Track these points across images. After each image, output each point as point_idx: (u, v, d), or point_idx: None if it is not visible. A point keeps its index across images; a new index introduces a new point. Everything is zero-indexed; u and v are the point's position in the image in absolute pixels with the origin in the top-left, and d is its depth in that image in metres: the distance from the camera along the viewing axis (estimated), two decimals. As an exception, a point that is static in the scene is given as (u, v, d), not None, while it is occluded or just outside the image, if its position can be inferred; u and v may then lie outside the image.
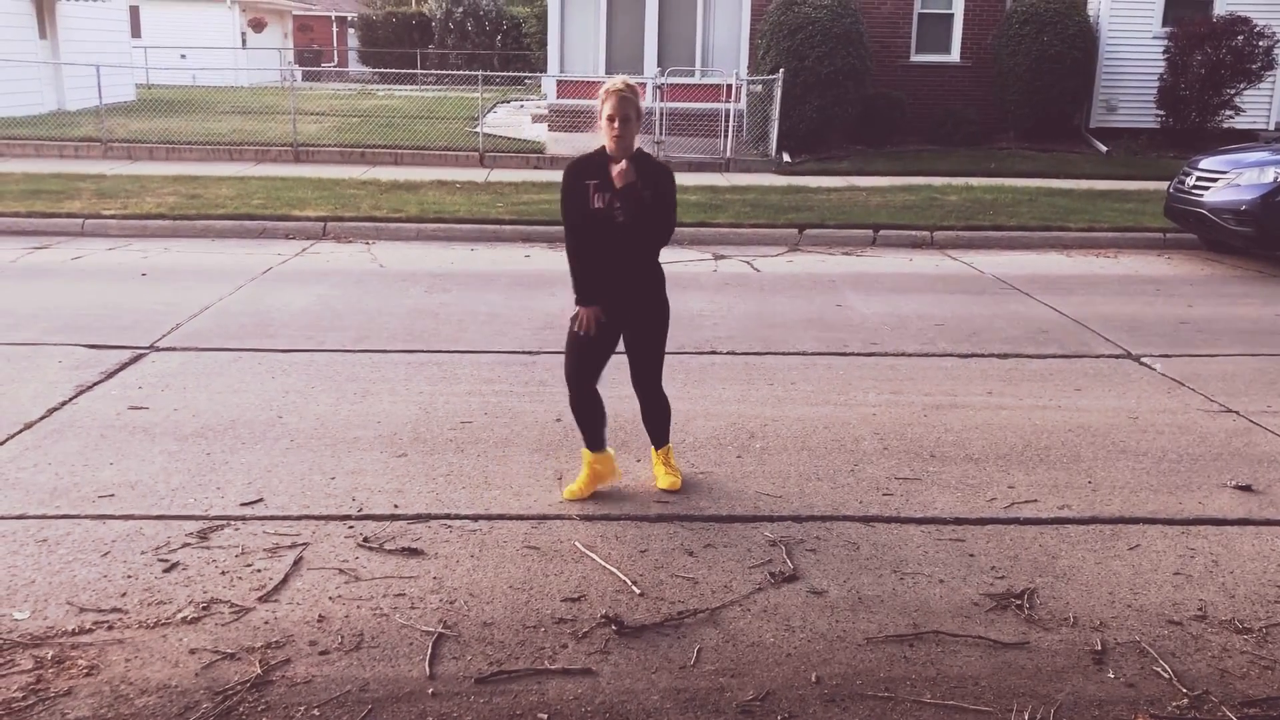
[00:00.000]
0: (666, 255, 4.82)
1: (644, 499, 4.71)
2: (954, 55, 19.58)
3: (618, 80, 4.44)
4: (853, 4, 17.57)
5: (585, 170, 4.47)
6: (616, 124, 4.37)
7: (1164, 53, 18.25)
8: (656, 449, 4.93)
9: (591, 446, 4.76)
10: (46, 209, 11.51)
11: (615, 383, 6.32)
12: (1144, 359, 7.13)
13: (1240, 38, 17.56)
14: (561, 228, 4.72)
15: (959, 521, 4.55)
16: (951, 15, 19.51)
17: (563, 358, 4.86)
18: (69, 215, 11.34)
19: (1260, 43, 17.55)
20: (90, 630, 3.53)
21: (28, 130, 17.98)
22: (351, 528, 4.35)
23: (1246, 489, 4.93)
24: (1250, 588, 4.00)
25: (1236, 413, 6.03)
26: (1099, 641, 3.61)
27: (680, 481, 4.86)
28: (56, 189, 12.80)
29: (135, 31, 31.21)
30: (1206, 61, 17.66)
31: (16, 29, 21.46)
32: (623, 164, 4.37)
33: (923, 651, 3.54)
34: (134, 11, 30.99)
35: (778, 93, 16.76)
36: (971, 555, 4.24)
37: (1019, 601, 3.86)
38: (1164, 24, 18.68)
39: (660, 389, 4.87)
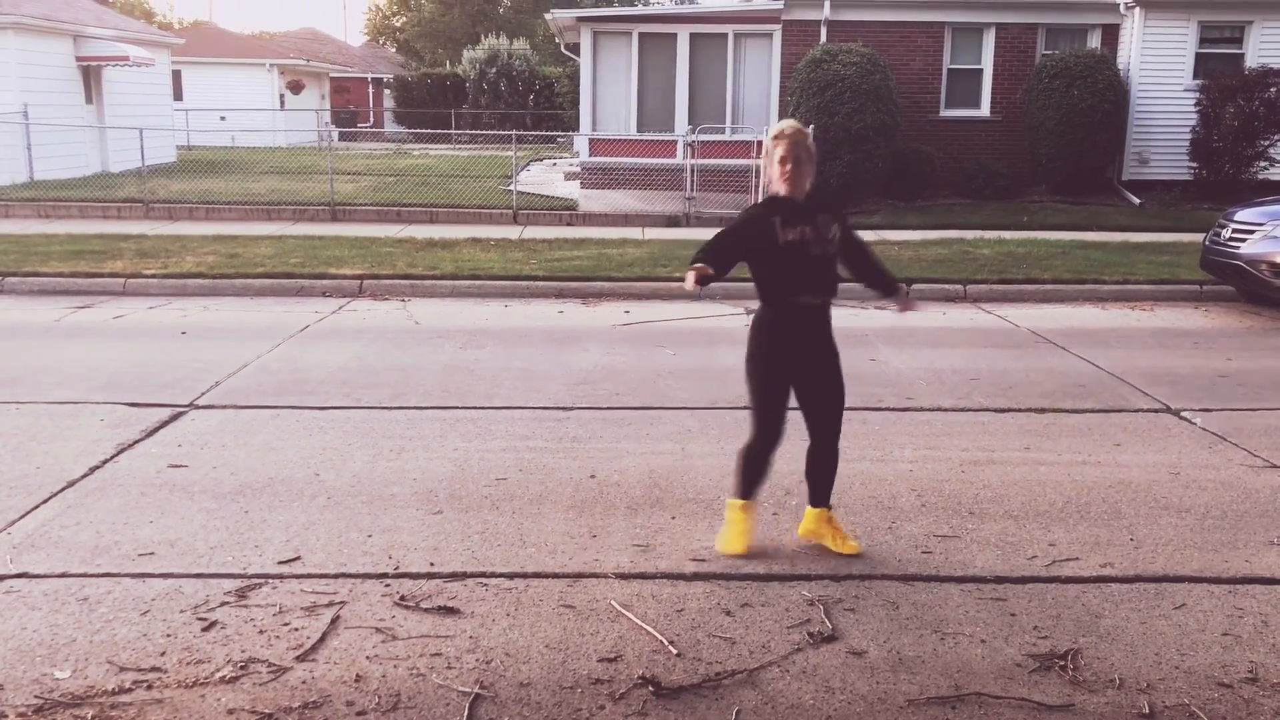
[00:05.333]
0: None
1: (678, 557, 4.69)
2: (984, 110, 19.66)
3: (786, 124, 4.50)
4: (882, 60, 17.72)
5: (768, 210, 4.51)
6: (790, 165, 4.41)
7: (1196, 105, 18.24)
8: (817, 507, 4.81)
9: (747, 495, 4.77)
10: (89, 269, 11.74)
11: (649, 438, 6.34)
12: (1184, 413, 7.05)
13: (1273, 90, 17.53)
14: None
15: (999, 580, 4.49)
16: (981, 70, 19.62)
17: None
18: (111, 275, 11.56)
19: (1293, 95, 17.51)
20: (130, 690, 3.55)
21: (73, 192, 18.42)
22: (388, 586, 4.36)
23: (1294, 547, 4.84)
24: (1302, 649, 3.91)
25: (1281, 468, 5.94)
26: (1146, 704, 3.53)
27: (859, 546, 4.75)
28: (99, 249, 13.08)
29: (177, 95, 32.05)
30: (1239, 114, 17.64)
31: (64, 94, 22.09)
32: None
33: (965, 714, 3.47)
34: (176, 75, 31.79)
35: (808, 149, 16.85)
36: (1013, 615, 4.17)
37: (1063, 662, 3.79)
38: (1195, 76, 18.70)
39: (837, 442, 4.78)
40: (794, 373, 4.62)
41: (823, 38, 18.95)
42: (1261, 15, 18.74)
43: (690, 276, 4.26)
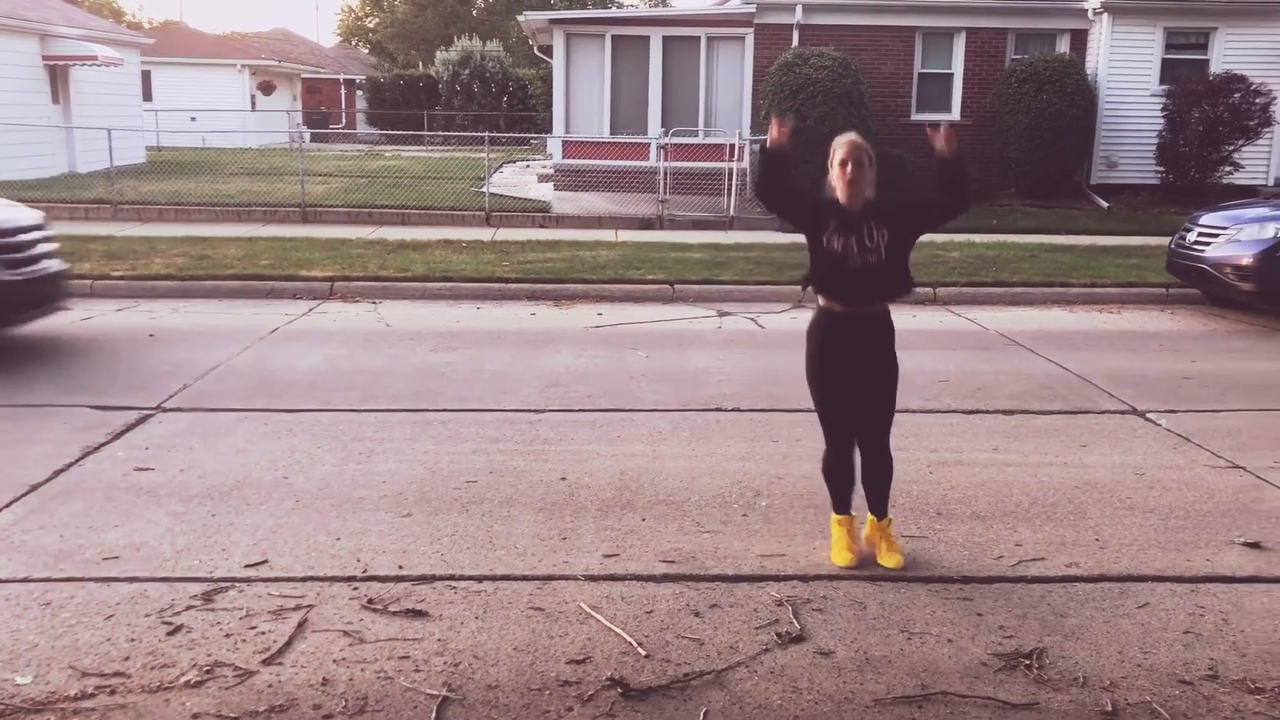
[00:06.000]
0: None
1: (648, 559, 4.69)
2: (955, 114, 19.80)
3: (851, 133, 4.52)
4: (853, 64, 17.84)
5: (829, 207, 4.48)
6: (850, 167, 4.38)
7: (1162, 110, 18.48)
8: (877, 519, 4.70)
9: (839, 509, 4.72)
10: (56, 270, 11.61)
11: (620, 440, 6.34)
12: (1149, 414, 7.13)
13: (1237, 95, 17.79)
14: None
15: (966, 580, 4.53)
16: (951, 75, 19.78)
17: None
18: (79, 277, 11.41)
19: (1257, 100, 17.78)
20: (93, 695, 3.51)
21: (40, 193, 18.17)
22: (356, 589, 4.34)
23: (1255, 546, 4.90)
24: (1261, 646, 3.96)
25: (1243, 468, 6.02)
26: (1109, 702, 3.57)
27: (903, 560, 4.63)
28: (67, 250, 12.80)
29: (147, 95, 31.74)
30: (1204, 119, 17.87)
31: (31, 94, 21.83)
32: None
33: (931, 713, 3.50)
34: (145, 76, 31.51)
35: (780, 152, 16.92)
36: (979, 614, 4.21)
37: (1028, 661, 3.83)
38: (1161, 82, 18.95)
39: (887, 445, 4.69)
40: (847, 376, 4.59)
41: (795, 41, 19.05)
42: (1225, 22, 19.02)
43: (774, 126, 4.49)
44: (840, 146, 4.48)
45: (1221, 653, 3.92)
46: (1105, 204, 18.84)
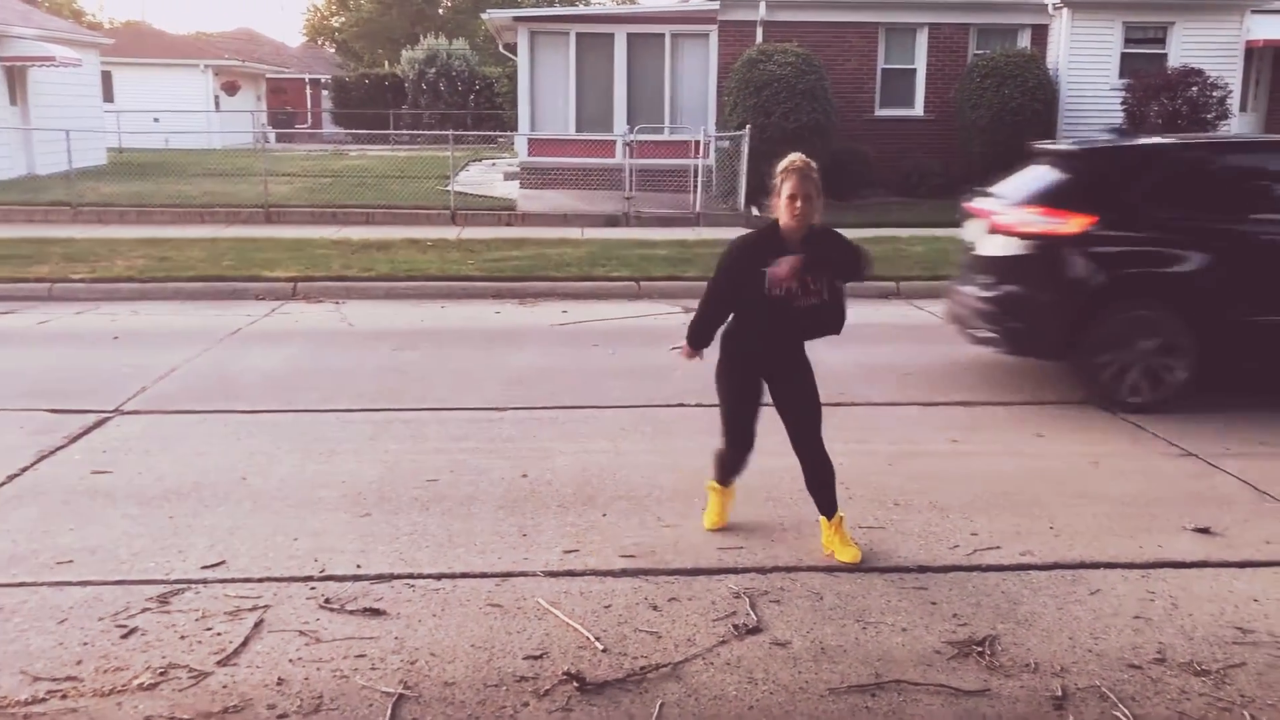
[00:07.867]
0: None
1: (608, 554, 4.70)
2: (918, 109, 19.94)
3: (797, 158, 4.48)
4: (817, 61, 17.91)
5: (760, 251, 4.54)
6: (799, 203, 4.42)
7: (1122, 104, 18.68)
8: (827, 519, 4.69)
9: (724, 481, 4.95)
10: (13, 274, 11.48)
11: (583, 437, 6.35)
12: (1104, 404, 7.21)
13: (1194, 89, 18.01)
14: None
15: (922, 569, 4.57)
16: (914, 70, 19.89)
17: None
18: (37, 279, 11.32)
19: (1214, 93, 18.01)
20: (44, 699, 3.48)
21: (-3, 195, 17.96)
22: (313, 589, 4.33)
23: (1205, 531, 4.98)
24: (1208, 630, 4.03)
25: (1195, 456, 6.11)
26: (1060, 687, 3.62)
27: (860, 553, 4.63)
28: (25, 253, 12.77)
29: (108, 96, 31.37)
30: (1163, 112, 18.08)
31: (-13, 96, 21.54)
32: (792, 261, 4.44)
33: (885, 701, 3.54)
34: (106, 76, 31.15)
35: (745, 148, 17.00)
36: (934, 603, 4.25)
37: (981, 649, 3.87)
38: (1121, 76, 19.15)
39: (822, 448, 4.70)
40: (763, 382, 4.75)
41: (758, 38, 19.10)
42: (1183, 16, 19.24)
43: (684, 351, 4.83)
44: (789, 179, 4.47)
45: (1170, 636, 3.98)
46: (1067, 197, 19.01)
